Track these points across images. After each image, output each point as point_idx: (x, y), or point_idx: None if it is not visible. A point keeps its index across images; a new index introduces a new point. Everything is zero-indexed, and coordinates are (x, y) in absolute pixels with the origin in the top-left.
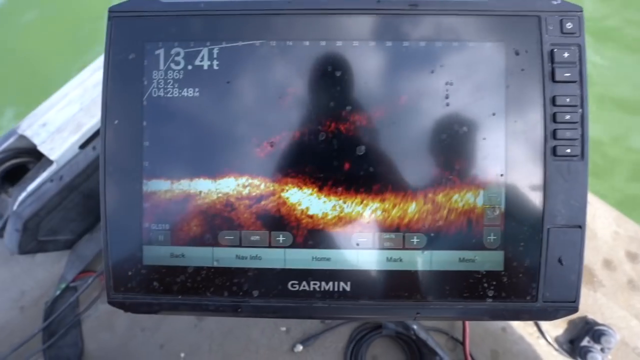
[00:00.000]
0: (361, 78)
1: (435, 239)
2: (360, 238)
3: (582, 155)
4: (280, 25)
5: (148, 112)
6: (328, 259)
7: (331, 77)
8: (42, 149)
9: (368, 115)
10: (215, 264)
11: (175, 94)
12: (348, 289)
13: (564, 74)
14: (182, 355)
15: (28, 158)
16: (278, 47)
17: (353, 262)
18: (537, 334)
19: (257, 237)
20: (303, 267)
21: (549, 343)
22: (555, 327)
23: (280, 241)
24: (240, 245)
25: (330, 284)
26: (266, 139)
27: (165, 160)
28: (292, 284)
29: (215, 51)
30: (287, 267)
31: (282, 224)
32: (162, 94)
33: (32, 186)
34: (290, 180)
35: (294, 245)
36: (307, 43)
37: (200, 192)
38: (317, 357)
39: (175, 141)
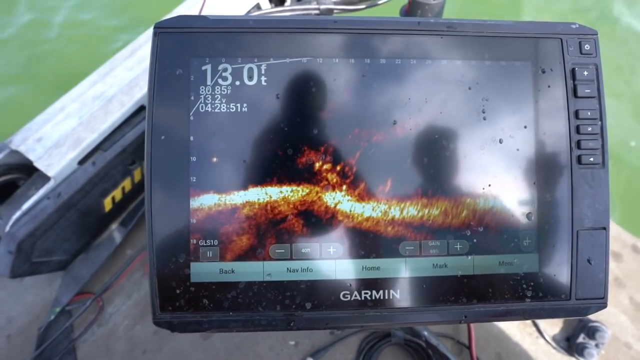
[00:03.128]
0: (404, 93)
1: (477, 245)
2: (408, 246)
3: (603, 163)
4: (326, 43)
5: (195, 127)
6: (378, 268)
7: (376, 92)
8: (39, 165)
9: (412, 128)
10: (267, 278)
11: (223, 109)
12: (398, 296)
13: (585, 90)
14: None
15: (18, 174)
16: (325, 64)
17: (401, 270)
18: (536, 333)
19: (308, 250)
20: (354, 277)
21: (548, 342)
22: (552, 326)
23: (331, 252)
24: (291, 258)
25: (381, 292)
26: (314, 149)
27: (212, 175)
28: (344, 294)
29: (263, 67)
30: (339, 277)
31: (331, 233)
32: (209, 109)
33: (27, 204)
34: (340, 189)
35: (344, 256)
36: (352, 61)
37: (248, 203)
38: None
39: (223, 155)
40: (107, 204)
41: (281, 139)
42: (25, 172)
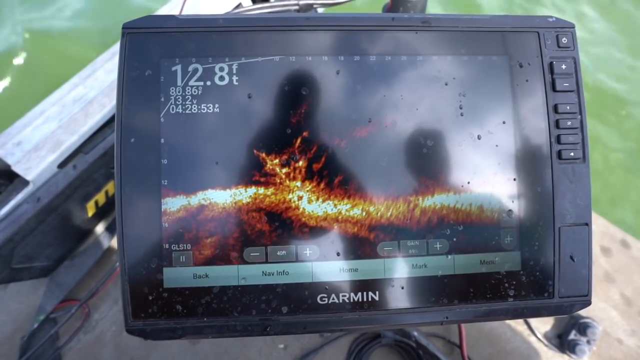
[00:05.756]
0: (379, 90)
1: (457, 244)
2: (386, 246)
3: (584, 157)
4: (299, 41)
5: (166, 129)
6: (356, 270)
7: (351, 90)
8: (17, 168)
9: (387, 125)
10: (242, 283)
11: (194, 110)
12: (377, 298)
13: (564, 84)
14: None
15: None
16: (297, 62)
17: (380, 271)
18: (528, 331)
19: (284, 252)
20: (331, 279)
21: (539, 339)
22: (544, 324)
23: (308, 254)
24: (266, 262)
25: (359, 294)
26: (288, 149)
27: (184, 178)
28: (321, 297)
29: (235, 67)
30: (315, 280)
31: (308, 235)
32: (180, 111)
33: (5, 209)
34: (316, 189)
35: (321, 258)
36: (325, 58)
37: (222, 205)
38: None
39: (194, 157)
40: (90, 208)
41: (253, 139)
42: (5, 177)
